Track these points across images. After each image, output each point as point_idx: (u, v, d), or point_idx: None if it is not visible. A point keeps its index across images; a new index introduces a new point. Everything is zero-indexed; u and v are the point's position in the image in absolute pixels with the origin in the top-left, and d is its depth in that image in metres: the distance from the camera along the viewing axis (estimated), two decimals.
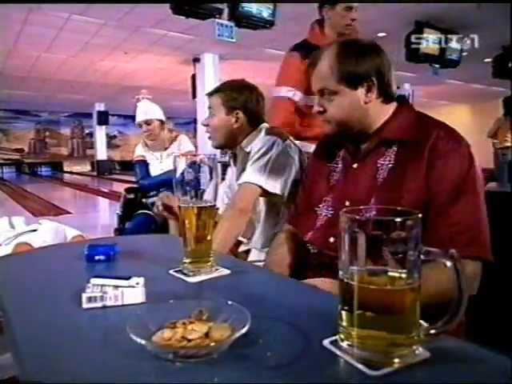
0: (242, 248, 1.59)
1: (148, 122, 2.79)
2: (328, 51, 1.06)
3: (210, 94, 1.59)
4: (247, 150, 1.57)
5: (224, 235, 1.37)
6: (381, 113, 1.06)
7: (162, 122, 2.84)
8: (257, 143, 1.53)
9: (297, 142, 1.63)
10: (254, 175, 1.44)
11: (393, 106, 1.08)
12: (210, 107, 1.59)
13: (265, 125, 1.64)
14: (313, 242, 1.11)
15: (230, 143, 1.61)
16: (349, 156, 1.11)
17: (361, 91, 1.03)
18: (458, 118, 12.97)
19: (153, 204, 2.59)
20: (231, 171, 1.71)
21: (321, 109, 1.08)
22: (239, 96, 1.56)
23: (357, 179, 1.06)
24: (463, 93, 13.44)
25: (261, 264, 1.27)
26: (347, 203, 1.04)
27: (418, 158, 0.95)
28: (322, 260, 1.07)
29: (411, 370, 0.49)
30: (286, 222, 1.27)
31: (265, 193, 1.45)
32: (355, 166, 1.08)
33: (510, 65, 7.51)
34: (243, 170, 1.52)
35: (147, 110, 2.83)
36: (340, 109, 1.05)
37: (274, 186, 1.44)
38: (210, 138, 1.62)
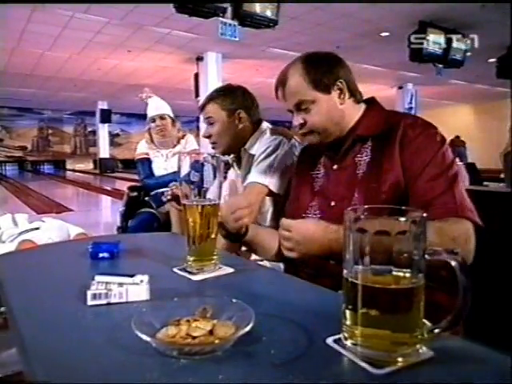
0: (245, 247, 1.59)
1: (162, 117, 2.77)
2: (293, 67, 1.11)
3: (205, 105, 1.58)
4: (252, 152, 1.55)
5: None
6: (354, 113, 1.12)
7: (173, 119, 2.83)
8: (262, 144, 1.52)
9: None
10: (259, 175, 1.44)
11: (362, 106, 1.14)
12: (208, 117, 1.57)
13: (267, 125, 1.63)
14: None
15: (236, 146, 1.60)
16: (328, 160, 1.16)
17: (334, 94, 1.09)
18: (462, 118, 12.94)
19: (158, 198, 2.57)
20: (235, 174, 1.69)
21: (302, 121, 1.11)
22: (235, 97, 1.57)
23: (338, 179, 1.11)
24: (467, 93, 13.41)
25: (264, 263, 1.27)
26: (332, 203, 1.09)
27: (391, 148, 1.01)
28: (316, 262, 1.07)
29: (415, 369, 0.49)
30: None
31: (271, 193, 1.45)
32: (335, 167, 1.13)
33: None
34: (249, 172, 1.51)
35: (160, 106, 2.82)
36: (320, 115, 1.09)
37: (280, 186, 1.44)
38: (213, 147, 1.59)
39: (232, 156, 1.66)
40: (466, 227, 0.92)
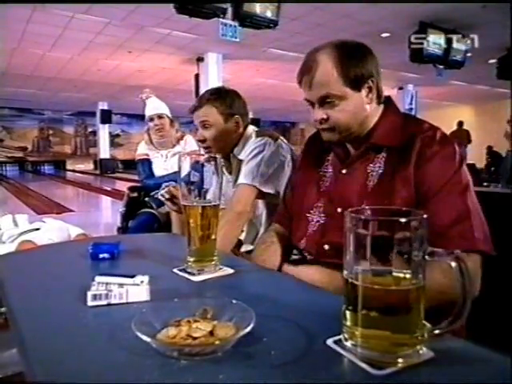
0: (243, 248, 1.59)
1: (160, 116, 2.78)
2: (325, 55, 1.01)
3: (200, 107, 1.53)
4: (240, 157, 1.54)
5: (222, 238, 1.34)
6: (374, 114, 1.06)
7: (171, 120, 2.85)
8: (249, 147, 1.51)
9: None
10: (248, 176, 1.43)
11: (381, 108, 1.08)
12: (204, 121, 1.53)
13: (253, 128, 1.62)
14: (308, 250, 1.10)
15: (227, 152, 1.58)
16: (338, 161, 1.10)
17: (363, 93, 1.02)
18: (462, 119, 12.91)
19: (158, 198, 2.57)
20: (224, 179, 1.64)
21: (324, 116, 1.03)
22: (233, 102, 1.54)
23: (346, 185, 1.05)
24: (467, 94, 13.41)
25: None
26: (339, 210, 1.03)
27: (406, 165, 0.95)
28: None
29: (415, 370, 0.49)
30: (274, 222, 1.25)
31: (261, 194, 1.44)
32: (344, 171, 1.07)
33: None
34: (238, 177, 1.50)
35: (159, 106, 2.84)
36: (345, 113, 1.01)
37: (269, 186, 1.43)
38: (208, 151, 1.56)
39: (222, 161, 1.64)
40: (477, 261, 0.88)
